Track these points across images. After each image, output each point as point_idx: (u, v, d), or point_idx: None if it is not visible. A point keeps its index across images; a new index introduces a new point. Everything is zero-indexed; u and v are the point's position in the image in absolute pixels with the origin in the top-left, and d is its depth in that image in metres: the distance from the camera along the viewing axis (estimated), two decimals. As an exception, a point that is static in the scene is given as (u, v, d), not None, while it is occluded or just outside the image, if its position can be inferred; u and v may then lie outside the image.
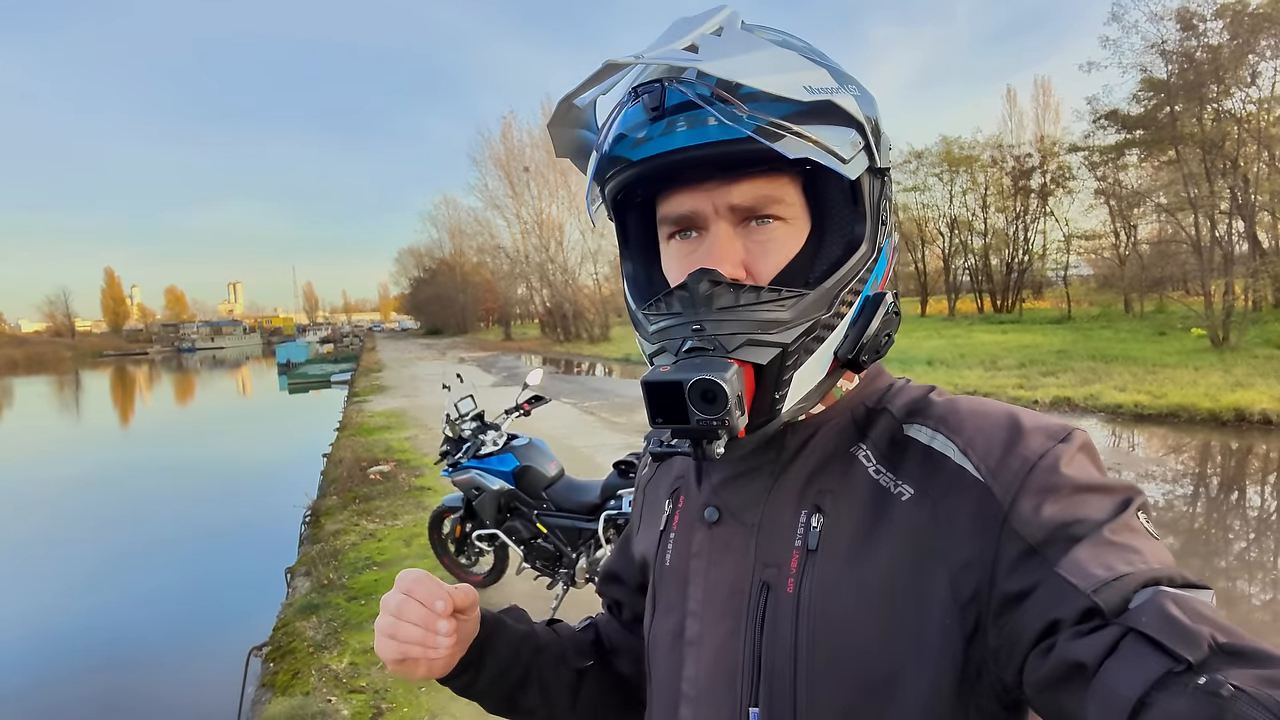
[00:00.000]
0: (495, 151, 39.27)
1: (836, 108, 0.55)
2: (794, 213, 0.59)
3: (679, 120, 0.55)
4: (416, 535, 5.57)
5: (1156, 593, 0.43)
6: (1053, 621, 0.46)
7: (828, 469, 0.61)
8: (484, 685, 0.74)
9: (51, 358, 72.44)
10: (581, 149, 0.66)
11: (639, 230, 0.68)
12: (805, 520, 0.59)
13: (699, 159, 0.55)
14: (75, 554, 7.36)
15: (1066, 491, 0.50)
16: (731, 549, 0.63)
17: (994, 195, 32.93)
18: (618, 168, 0.60)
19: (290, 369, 31.40)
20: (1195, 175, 18.12)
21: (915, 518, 0.55)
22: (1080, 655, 0.43)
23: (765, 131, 0.52)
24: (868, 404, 0.64)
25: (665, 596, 0.70)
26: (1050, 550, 0.48)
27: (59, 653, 4.90)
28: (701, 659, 0.63)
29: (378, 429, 11.20)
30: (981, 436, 0.55)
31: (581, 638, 0.85)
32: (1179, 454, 7.88)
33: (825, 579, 0.57)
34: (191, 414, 23.22)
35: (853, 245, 0.58)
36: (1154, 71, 19.33)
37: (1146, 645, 0.41)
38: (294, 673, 3.58)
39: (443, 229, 64.62)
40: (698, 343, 0.55)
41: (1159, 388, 10.44)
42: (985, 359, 15.45)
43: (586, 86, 0.54)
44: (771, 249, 0.58)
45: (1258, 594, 4.37)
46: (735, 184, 0.57)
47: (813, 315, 0.56)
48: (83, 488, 10.68)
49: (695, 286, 0.56)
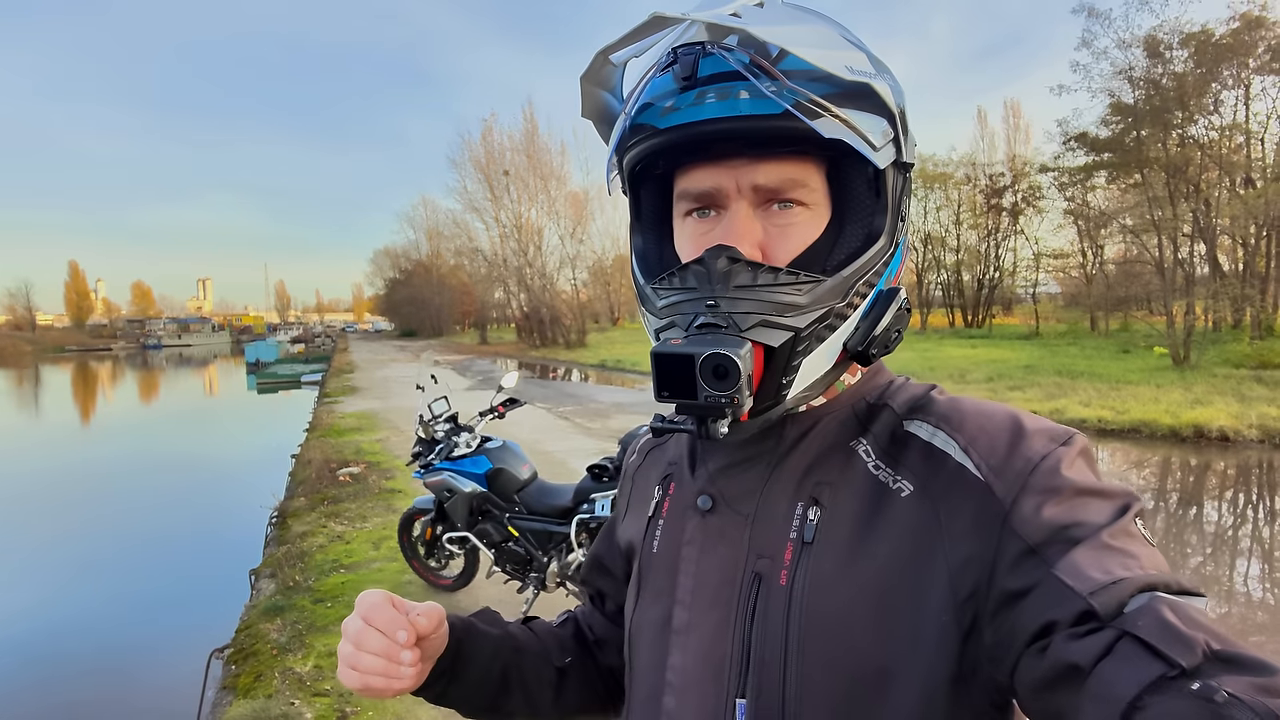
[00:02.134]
0: (475, 154, 39.12)
1: (873, 92, 0.54)
2: (816, 199, 0.58)
3: (709, 91, 0.54)
4: (386, 538, 5.51)
5: (1152, 598, 0.43)
6: (1049, 622, 0.46)
7: (827, 462, 0.60)
8: (461, 693, 0.72)
9: (10, 352, 70.23)
10: (604, 114, 0.63)
11: (653, 204, 0.67)
12: (801, 512, 0.58)
13: (728, 132, 0.54)
14: (32, 555, 7.14)
15: (1067, 494, 0.50)
16: (725, 538, 0.62)
17: (967, 212, 33.60)
18: (641, 135, 0.58)
19: (259, 368, 30.82)
20: (1159, 198, 18.68)
21: (914, 514, 0.54)
22: (1075, 657, 0.43)
23: (803, 108, 0.51)
24: (869, 399, 0.64)
25: (652, 584, 0.68)
26: (1049, 551, 0.48)
27: (11, 654, 4.75)
28: (689, 648, 0.62)
29: (348, 430, 11.04)
30: (984, 436, 0.55)
31: (561, 633, 0.84)
32: (1140, 469, 8.08)
33: (819, 572, 0.56)
34: (155, 412, 22.66)
35: (872, 237, 0.57)
36: (1122, 96, 19.93)
37: (1141, 649, 0.41)
38: (256, 675, 3.51)
39: (420, 230, 64.43)
40: (711, 319, 0.54)
41: (1122, 404, 10.70)
42: (954, 372, 15.77)
43: (629, 40, 0.52)
44: (791, 233, 0.57)
45: (1213, 608, 4.47)
46: (761, 163, 0.56)
47: (828, 303, 0.55)
48: (40, 487, 10.37)
49: (713, 262, 0.55)
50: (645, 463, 0.79)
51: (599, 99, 0.62)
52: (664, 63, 0.55)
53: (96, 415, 21.92)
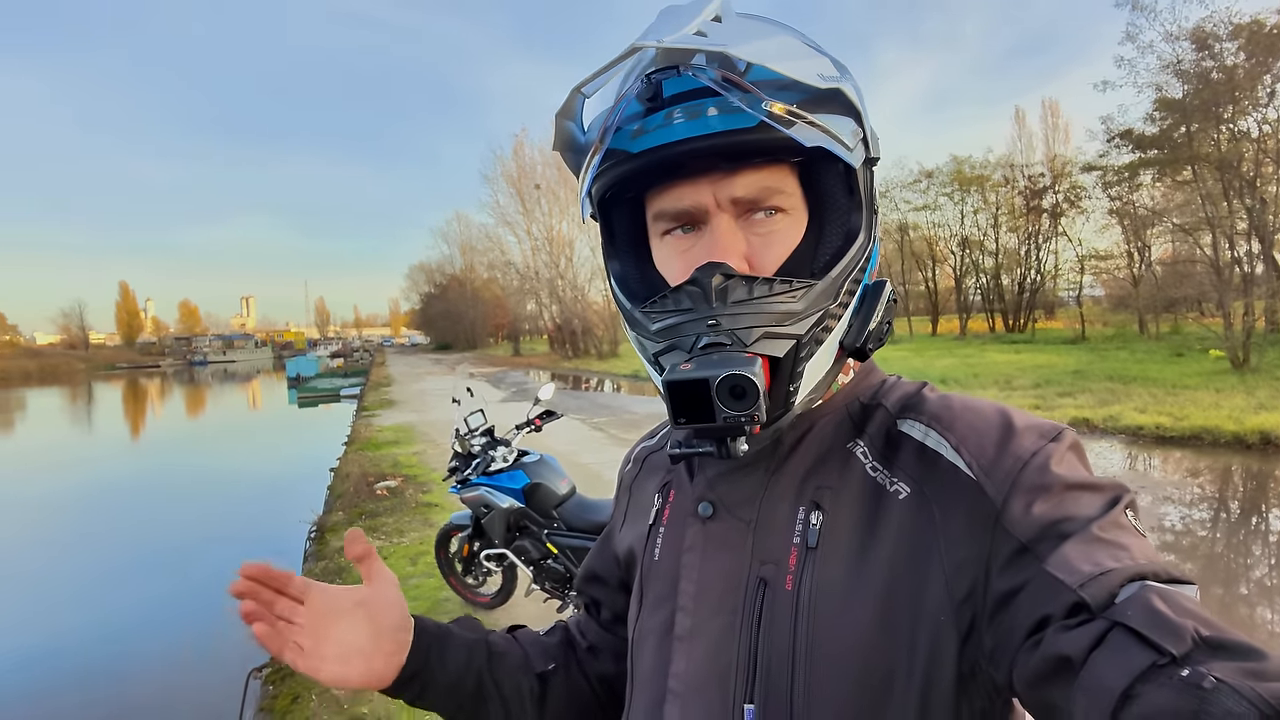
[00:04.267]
0: (507, 169, 39.71)
1: (843, 95, 0.55)
2: (794, 204, 0.58)
3: (676, 111, 0.54)
4: (423, 553, 5.46)
5: (1142, 587, 0.44)
6: (1042, 617, 0.46)
7: (825, 465, 0.60)
8: (436, 695, 0.71)
9: (65, 370, 73.12)
10: (571, 144, 0.63)
11: (627, 227, 0.66)
12: (804, 517, 0.59)
13: (702, 150, 0.54)
14: (78, 567, 7.29)
15: (1057, 490, 0.51)
16: (727, 544, 0.62)
17: (1005, 215, 32.85)
18: (612, 161, 0.58)
19: (300, 383, 31.47)
20: (1212, 195, 18.00)
21: (911, 516, 0.55)
22: (1066, 649, 0.43)
23: (779, 118, 0.51)
24: (862, 399, 0.64)
25: (654, 591, 0.68)
26: (1040, 547, 0.48)
27: (58, 664, 4.81)
28: (692, 654, 0.61)
29: (386, 444, 11.12)
30: (974, 434, 0.56)
31: (546, 641, 0.83)
32: (1199, 477, 7.69)
33: (825, 577, 0.56)
34: (201, 427, 23.23)
35: (851, 235, 0.58)
36: (1169, 91, 19.31)
37: (1132, 639, 0.41)
38: (294, 696, 3.46)
39: (454, 245, 65.26)
40: (715, 338, 0.54)
41: (1180, 409, 10.22)
42: (999, 379, 15.27)
43: (605, 71, 0.53)
44: (774, 241, 0.58)
45: (1277, 623, 4.19)
46: (737, 175, 0.56)
47: (822, 305, 0.56)
48: (90, 501, 10.64)
49: (707, 281, 0.55)
50: (642, 471, 0.80)
51: (565, 130, 0.62)
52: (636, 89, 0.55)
53: (145, 430, 22.56)
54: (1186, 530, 5.85)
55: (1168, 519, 6.07)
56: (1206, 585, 4.69)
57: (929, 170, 32.81)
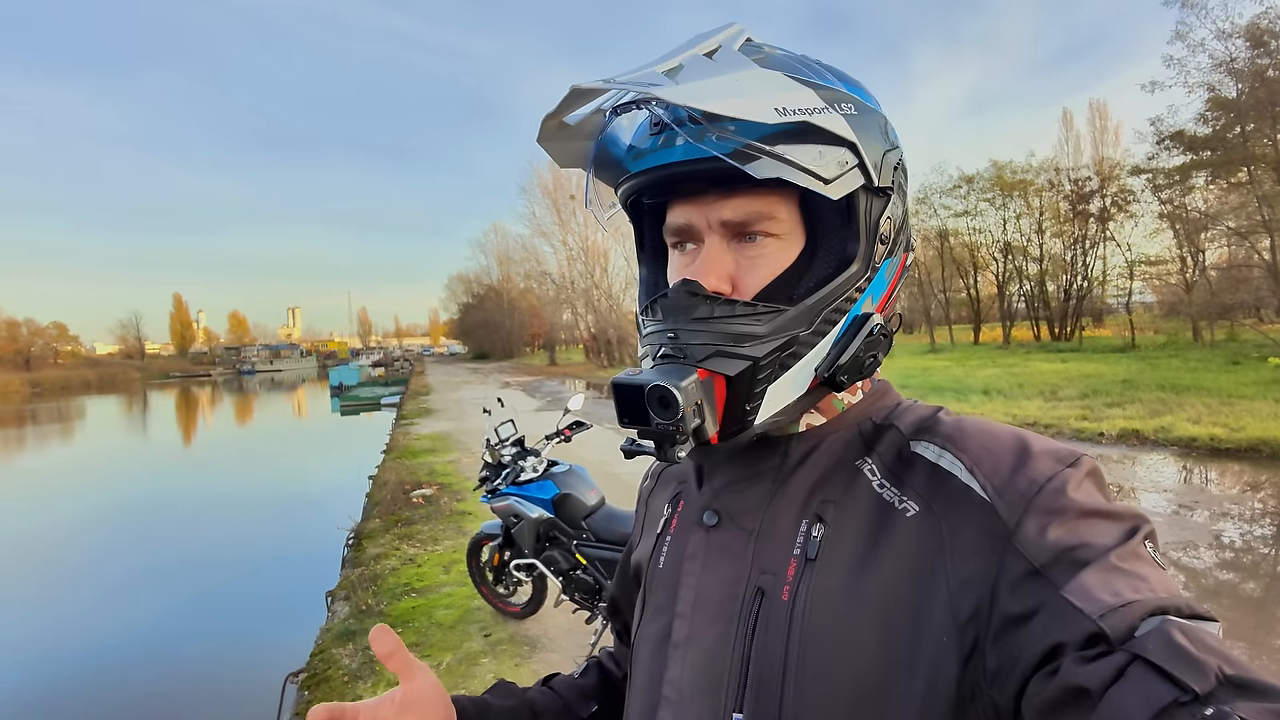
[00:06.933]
0: (543, 180, 40.09)
1: (816, 128, 0.55)
2: (786, 229, 0.59)
3: (677, 135, 0.56)
4: (456, 561, 5.52)
5: (1164, 621, 0.43)
6: (1056, 645, 0.45)
7: (831, 480, 0.61)
8: None
9: (122, 378, 76.04)
10: (580, 158, 0.66)
11: (653, 235, 0.70)
12: (806, 529, 0.59)
13: (690, 174, 0.57)
14: (121, 574, 7.55)
15: (1073, 515, 0.50)
16: (728, 553, 0.63)
17: (1050, 220, 31.97)
18: (622, 176, 0.62)
19: (342, 391, 32.18)
20: (1269, 197, 17.29)
21: (918, 534, 0.54)
22: (1085, 680, 0.42)
23: (739, 154, 0.53)
24: (875, 419, 0.64)
25: (655, 599, 0.69)
26: (1055, 573, 0.47)
27: (99, 665, 4.98)
28: (687, 662, 0.62)
29: (423, 452, 11.29)
30: (989, 456, 0.55)
31: (583, 683, 0.84)
32: (1259, 491, 7.35)
33: (822, 589, 0.56)
34: (249, 434, 23.96)
35: (844, 263, 0.59)
36: (1222, 90, 18.63)
37: (1153, 674, 0.40)
38: (328, 701, 3.52)
39: (491, 256, 66.10)
40: (670, 350, 0.57)
41: (1237, 420, 9.79)
42: (1045, 389, 14.78)
43: (556, 115, 0.56)
44: (760, 264, 0.59)
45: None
46: (727, 200, 0.58)
47: (790, 331, 0.57)
48: (140, 506, 11.03)
49: (675, 296, 0.58)
50: (657, 485, 0.81)
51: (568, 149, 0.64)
52: None
53: (197, 438, 23.32)
54: (1247, 547, 5.59)
55: (1226, 535, 5.82)
56: (1269, 606, 4.48)
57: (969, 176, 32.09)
